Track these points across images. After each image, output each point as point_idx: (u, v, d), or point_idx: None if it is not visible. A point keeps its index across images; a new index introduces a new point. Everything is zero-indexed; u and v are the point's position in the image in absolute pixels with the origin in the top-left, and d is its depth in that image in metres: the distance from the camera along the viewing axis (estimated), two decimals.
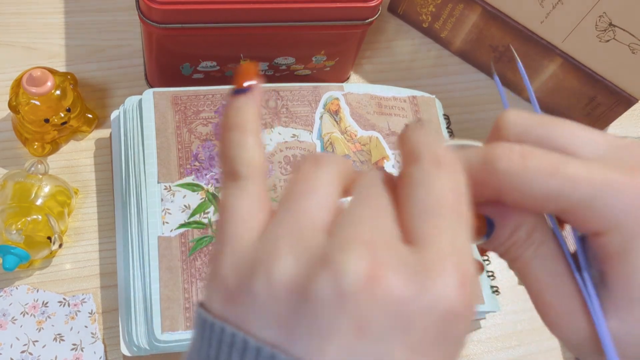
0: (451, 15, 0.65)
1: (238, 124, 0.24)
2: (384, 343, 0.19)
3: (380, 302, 0.19)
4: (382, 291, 0.19)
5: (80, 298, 0.50)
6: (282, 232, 0.22)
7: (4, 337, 0.48)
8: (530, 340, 0.56)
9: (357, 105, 0.57)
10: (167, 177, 0.50)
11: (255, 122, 0.24)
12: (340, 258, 0.20)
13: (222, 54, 0.56)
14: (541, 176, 0.23)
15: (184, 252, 0.48)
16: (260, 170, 0.24)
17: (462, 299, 0.20)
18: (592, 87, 0.61)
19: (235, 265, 0.22)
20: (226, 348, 0.21)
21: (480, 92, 0.68)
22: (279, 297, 0.20)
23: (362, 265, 0.19)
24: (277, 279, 0.20)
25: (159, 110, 0.52)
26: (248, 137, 0.24)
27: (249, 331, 0.21)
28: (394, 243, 0.21)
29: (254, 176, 0.24)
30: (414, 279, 0.20)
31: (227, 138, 0.24)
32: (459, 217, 0.22)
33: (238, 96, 0.25)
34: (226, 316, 0.22)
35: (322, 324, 0.19)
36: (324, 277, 0.20)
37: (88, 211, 0.54)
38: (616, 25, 0.55)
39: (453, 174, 0.23)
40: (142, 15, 0.50)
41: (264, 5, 0.50)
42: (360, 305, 0.19)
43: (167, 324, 0.46)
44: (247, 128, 0.24)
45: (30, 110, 0.51)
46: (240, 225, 0.23)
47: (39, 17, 0.63)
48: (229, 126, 0.24)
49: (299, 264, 0.20)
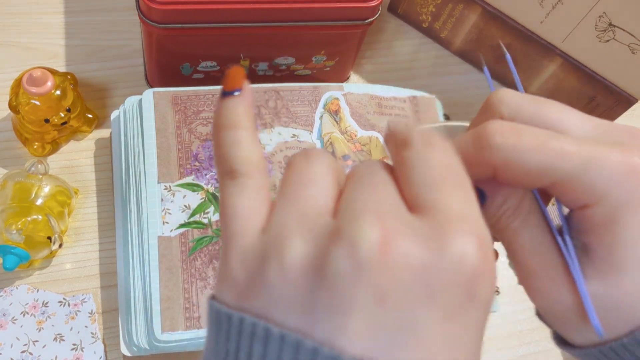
0: (451, 15, 0.65)
1: (230, 123, 0.24)
2: (409, 310, 0.19)
3: (398, 268, 0.19)
4: (399, 257, 0.19)
5: (80, 298, 0.50)
6: (287, 218, 0.21)
7: (4, 337, 0.48)
8: (530, 340, 0.56)
9: (357, 105, 0.57)
10: (167, 177, 0.50)
11: (248, 119, 0.24)
12: (352, 229, 0.19)
13: (222, 54, 0.56)
14: (534, 150, 0.24)
15: (184, 252, 0.48)
16: (258, 167, 0.24)
17: (483, 257, 0.20)
18: (592, 87, 0.61)
19: (244, 260, 0.21)
20: (247, 339, 0.20)
21: (480, 92, 0.68)
22: (294, 281, 0.20)
23: (375, 233, 0.19)
24: (289, 262, 0.20)
25: (159, 110, 0.52)
26: (242, 135, 0.24)
27: (270, 319, 0.20)
28: (401, 213, 0.21)
29: (253, 173, 0.23)
30: (430, 243, 0.19)
31: (220, 138, 0.24)
32: (462, 185, 0.22)
33: (227, 98, 0.24)
34: (243, 308, 0.21)
35: (341, 299, 0.19)
36: (338, 250, 0.19)
37: (88, 211, 0.54)
38: (616, 26, 0.55)
39: (446, 150, 0.23)
40: (142, 15, 0.50)
41: (264, 5, 0.50)
42: (377, 273, 0.19)
43: (167, 324, 0.46)
44: (240, 126, 0.24)
45: (30, 110, 0.51)
46: (243, 221, 0.22)
47: (39, 17, 0.63)
48: (221, 126, 0.24)
49: (309, 244, 0.20)
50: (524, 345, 0.56)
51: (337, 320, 0.19)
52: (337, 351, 0.18)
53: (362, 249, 0.19)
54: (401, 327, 0.19)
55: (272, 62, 0.59)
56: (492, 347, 0.55)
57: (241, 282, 0.21)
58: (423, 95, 0.60)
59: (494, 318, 0.56)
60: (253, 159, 0.23)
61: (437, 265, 0.19)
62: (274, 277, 0.20)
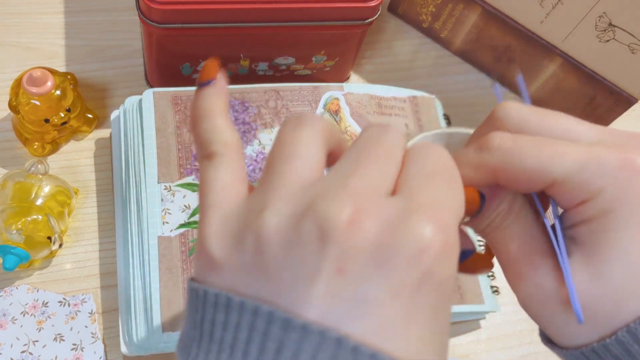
0: (451, 15, 0.65)
1: (206, 112, 0.25)
2: (363, 283, 0.20)
3: (359, 244, 0.20)
4: (360, 234, 0.20)
5: (80, 298, 0.50)
6: (269, 191, 0.22)
7: (4, 337, 0.48)
8: (530, 340, 0.56)
9: (357, 105, 0.57)
10: (167, 177, 0.50)
11: (222, 106, 0.25)
12: (326, 206, 0.21)
13: (222, 54, 0.56)
14: (531, 151, 0.26)
15: (184, 252, 0.48)
16: (234, 147, 0.25)
17: (437, 238, 0.20)
18: (592, 87, 0.61)
19: (220, 234, 0.22)
20: (210, 309, 0.21)
21: (480, 92, 0.68)
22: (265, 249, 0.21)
23: (346, 212, 0.20)
24: (264, 232, 0.21)
25: (159, 110, 0.52)
26: (217, 120, 0.25)
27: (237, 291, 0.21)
28: (378, 195, 0.22)
29: (229, 153, 0.24)
30: (391, 224, 0.21)
31: (198, 127, 0.25)
32: (448, 182, 0.23)
33: (202, 89, 0.26)
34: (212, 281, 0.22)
35: (305, 268, 0.20)
36: (308, 221, 0.20)
37: (88, 211, 0.54)
38: (616, 26, 0.55)
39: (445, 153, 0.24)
40: (142, 15, 0.50)
41: (264, 5, 0.50)
42: (339, 246, 0.20)
43: (167, 324, 0.46)
44: (215, 113, 0.25)
45: (30, 110, 0.51)
46: (220, 193, 0.23)
47: (39, 17, 0.63)
48: (197, 116, 0.25)
49: (286, 217, 0.21)
50: (524, 345, 0.56)
51: (299, 289, 0.20)
52: (292, 314, 0.20)
53: (328, 224, 0.20)
54: (355, 298, 0.20)
55: (272, 62, 0.59)
56: (492, 347, 0.55)
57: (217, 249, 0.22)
58: (423, 95, 0.60)
59: (494, 318, 0.56)
60: (228, 141, 0.25)
61: (392, 244, 0.20)
62: (250, 243, 0.21)
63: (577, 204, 0.26)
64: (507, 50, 0.64)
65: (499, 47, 0.64)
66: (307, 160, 0.23)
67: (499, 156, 0.26)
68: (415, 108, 0.59)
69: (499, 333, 0.56)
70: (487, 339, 0.56)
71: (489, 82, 0.68)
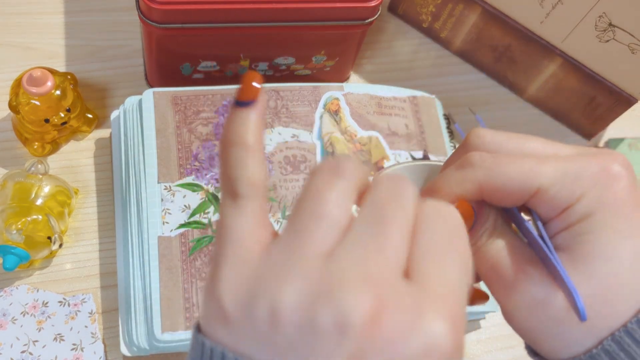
0: (451, 15, 0.65)
1: (239, 140, 0.23)
2: None
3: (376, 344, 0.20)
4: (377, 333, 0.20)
5: (80, 298, 0.50)
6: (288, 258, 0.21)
7: (4, 337, 0.48)
8: None
9: (357, 105, 0.57)
10: (167, 177, 0.50)
11: (258, 137, 0.23)
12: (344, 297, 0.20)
13: (222, 54, 0.56)
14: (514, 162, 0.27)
15: (184, 252, 0.48)
16: (260, 190, 0.23)
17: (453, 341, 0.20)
18: (592, 87, 0.61)
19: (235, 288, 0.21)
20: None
21: (480, 92, 0.68)
22: (279, 326, 0.20)
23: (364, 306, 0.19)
24: (281, 307, 0.20)
25: (159, 110, 0.52)
26: (249, 155, 0.23)
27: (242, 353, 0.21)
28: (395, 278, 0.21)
29: (254, 195, 0.23)
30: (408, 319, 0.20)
31: (227, 154, 0.23)
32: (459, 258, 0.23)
33: (240, 108, 0.23)
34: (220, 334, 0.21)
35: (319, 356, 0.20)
36: (327, 310, 0.19)
37: (88, 211, 0.54)
38: (616, 26, 0.55)
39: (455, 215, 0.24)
40: (142, 15, 0.50)
41: (264, 5, 0.50)
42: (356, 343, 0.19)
43: (167, 324, 0.46)
44: (249, 144, 0.23)
45: (30, 110, 0.51)
46: (238, 246, 0.22)
47: (39, 17, 0.63)
48: (230, 142, 0.23)
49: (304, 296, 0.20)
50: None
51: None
52: None
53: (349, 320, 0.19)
54: None
55: (272, 62, 0.59)
56: (492, 347, 0.55)
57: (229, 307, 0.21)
58: (423, 95, 0.60)
59: (494, 318, 0.56)
60: (256, 180, 0.23)
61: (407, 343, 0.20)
62: (262, 316, 0.20)
63: (560, 212, 0.27)
64: (507, 50, 0.64)
65: (499, 47, 0.64)
66: (337, 220, 0.22)
67: (482, 170, 0.27)
68: (415, 108, 0.59)
69: (499, 333, 0.56)
70: (487, 339, 0.56)
71: (489, 82, 0.68)
